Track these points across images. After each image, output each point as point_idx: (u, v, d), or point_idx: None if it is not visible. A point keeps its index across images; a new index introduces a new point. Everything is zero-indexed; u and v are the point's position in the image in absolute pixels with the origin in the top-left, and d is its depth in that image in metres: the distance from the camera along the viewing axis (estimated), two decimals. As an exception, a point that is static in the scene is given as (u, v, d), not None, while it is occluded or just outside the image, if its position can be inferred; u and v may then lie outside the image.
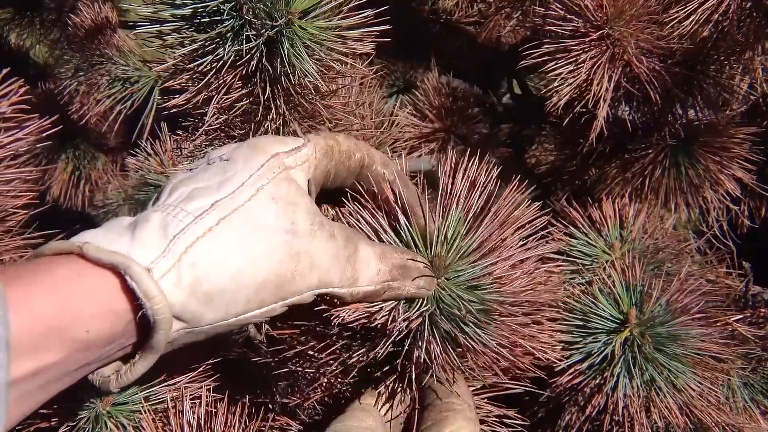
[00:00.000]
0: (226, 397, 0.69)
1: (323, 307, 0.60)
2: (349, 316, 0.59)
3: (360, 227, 0.64)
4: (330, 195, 0.66)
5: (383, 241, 0.64)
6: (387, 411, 0.65)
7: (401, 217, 0.63)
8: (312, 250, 0.54)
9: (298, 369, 0.68)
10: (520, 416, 0.73)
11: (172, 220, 0.50)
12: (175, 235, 0.49)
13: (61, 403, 0.68)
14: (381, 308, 0.60)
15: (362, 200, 0.64)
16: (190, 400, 0.68)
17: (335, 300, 0.58)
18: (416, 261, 0.61)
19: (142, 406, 0.68)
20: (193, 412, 0.67)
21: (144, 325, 0.48)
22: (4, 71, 0.71)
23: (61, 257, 0.48)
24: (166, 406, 0.69)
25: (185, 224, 0.50)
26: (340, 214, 0.66)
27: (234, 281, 0.50)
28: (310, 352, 0.66)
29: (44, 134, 0.74)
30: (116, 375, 0.51)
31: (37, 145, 0.74)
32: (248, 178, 0.54)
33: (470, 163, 0.65)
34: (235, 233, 0.51)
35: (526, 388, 0.72)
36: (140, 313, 0.47)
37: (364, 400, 0.65)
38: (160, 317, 0.47)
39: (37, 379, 0.45)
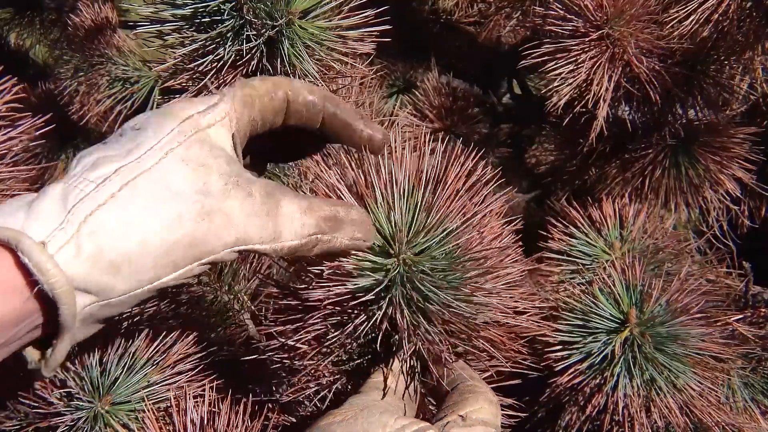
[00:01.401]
0: (228, 396, 0.69)
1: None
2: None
3: None
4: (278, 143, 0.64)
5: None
6: (396, 387, 0.65)
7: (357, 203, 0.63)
8: (226, 208, 0.52)
9: (291, 363, 0.69)
10: (519, 404, 0.73)
11: (72, 189, 0.48)
12: (75, 204, 0.47)
13: (60, 403, 0.69)
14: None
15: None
16: (193, 398, 0.68)
17: (261, 255, 0.57)
18: (350, 211, 0.59)
19: (145, 404, 0.68)
20: (196, 410, 0.67)
21: (49, 302, 0.46)
22: None
23: None
24: (167, 404, 0.69)
25: (86, 193, 0.47)
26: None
27: (141, 247, 0.48)
28: (297, 345, 0.67)
29: (39, 133, 0.74)
30: (44, 361, 0.50)
31: (33, 144, 0.74)
32: (157, 143, 0.51)
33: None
34: (140, 198, 0.48)
35: (526, 374, 0.72)
36: (36, 289, 0.45)
37: (375, 377, 0.65)
38: (58, 291, 0.45)
39: None
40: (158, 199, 0.49)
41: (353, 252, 0.61)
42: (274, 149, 0.68)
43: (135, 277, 0.49)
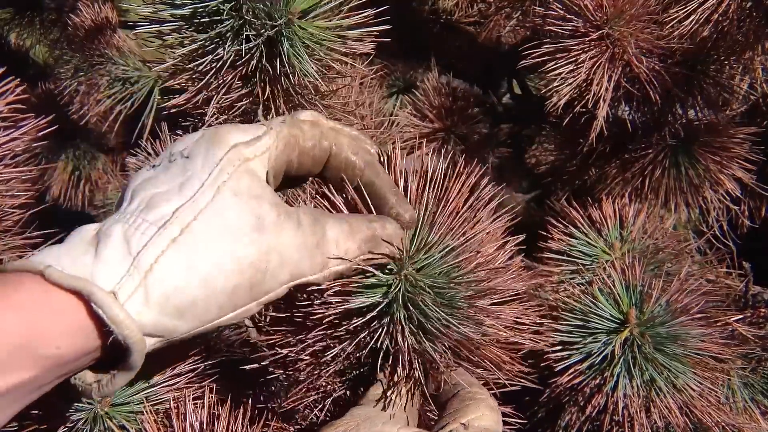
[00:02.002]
0: (228, 400, 0.69)
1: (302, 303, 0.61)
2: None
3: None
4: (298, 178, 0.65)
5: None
6: (397, 400, 0.65)
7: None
8: (280, 245, 0.53)
9: (290, 372, 0.69)
10: (516, 413, 0.73)
11: (134, 232, 0.49)
12: (139, 251, 0.48)
13: (59, 404, 0.68)
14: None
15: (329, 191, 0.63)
16: (192, 401, 0.68)
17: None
18: (385, 226, 0.60)
19: (144, 407, 0.68)
20: (196, 415, 0.67)
21: (116, 342, 0.48)
22: (1, 70, 0.71)
23: (26, 275, 0.47)
24: (166, 407, 0.69)
25: (148, 237, 0.48)
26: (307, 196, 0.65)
27: (204, 291, 0.50)
28: (298, 356, 0.67)
29: (41, 134, 0.74)
30: (98, 384, 0.51)
31: (35, 145, 0.74)
32: (208, 176, 0.52)
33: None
34: (200, 241, 0.50)
35: (524, 385, 0.72)
36: (111, 339, 0.47)
37: (375, 389, 0.65)
38: (132, 341, 0.47)
39: (8, 396, 0.44)
40: (217, 241, 0.50)
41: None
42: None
43: (198, 319, 0.50)
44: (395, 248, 0.60)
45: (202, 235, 0.50)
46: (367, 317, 0.61)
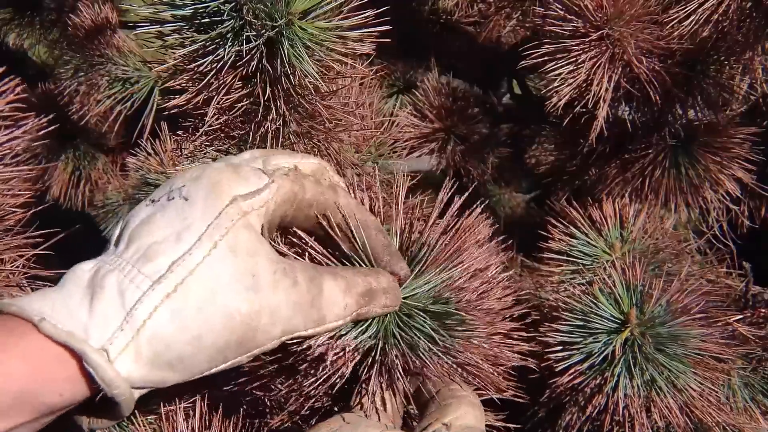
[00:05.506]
0: (220, 409, 0.69)
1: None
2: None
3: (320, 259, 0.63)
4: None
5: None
6: (380, 405, 0.65)
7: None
8: (274, 303, 0.53)
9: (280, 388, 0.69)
10: (504, 423, 0.72)
11: (128, 285, 0.49)
12: (133, 306, 0.48)
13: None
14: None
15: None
16: (184, 410, 0.67)
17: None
18: (380, 279, 0.61)
19: (136, 416, 0.68)
20: (187, 423, 0.66)
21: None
22: (1, 70, 0.71)
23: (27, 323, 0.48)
24: (158, 414, 0.69)
25: (142, 291, 0.49)
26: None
27: (194, 347, 0.50)
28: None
29: (41, 133, 0.74)
30: (88, 420, 0.52)
31: (35, 144, 0.74)
32: (206, 229, 0.52)
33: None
34: (193, 298, 0.50)
35: (514, 398, 0.72)
36: (101, 395, 0.48)
37: (359, 400, 0.65)
38: (121, 398, 0.48)
39: None
40: (210, 299, 0.50)
41: None
42: None
43: (188, 371, 0.51)
44: (392, 301, 0.61)
45: (196, 292, 0.50)
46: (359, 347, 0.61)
